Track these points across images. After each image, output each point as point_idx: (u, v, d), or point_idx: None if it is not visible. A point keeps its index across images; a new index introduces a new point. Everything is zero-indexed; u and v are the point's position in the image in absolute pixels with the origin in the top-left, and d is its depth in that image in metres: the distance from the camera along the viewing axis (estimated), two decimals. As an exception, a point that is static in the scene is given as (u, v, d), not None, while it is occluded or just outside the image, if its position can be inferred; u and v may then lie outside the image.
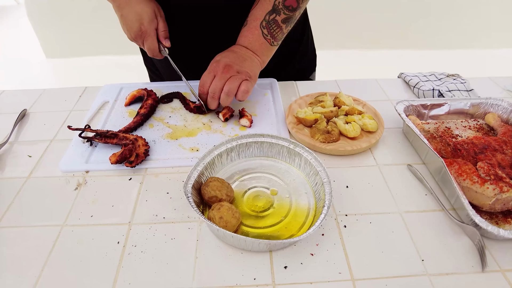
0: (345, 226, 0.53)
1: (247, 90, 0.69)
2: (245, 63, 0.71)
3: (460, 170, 0.57)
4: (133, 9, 0.72)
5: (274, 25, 0.71)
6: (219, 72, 0.69)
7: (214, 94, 0.69)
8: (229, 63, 0.69)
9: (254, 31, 0.72)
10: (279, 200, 0.56)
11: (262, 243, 0.46)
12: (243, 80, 0.69)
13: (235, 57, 0.71)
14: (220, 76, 0.68)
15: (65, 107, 0.81)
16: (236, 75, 0.69)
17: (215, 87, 0.69)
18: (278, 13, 0.69)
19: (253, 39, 0.72)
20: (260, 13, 0.71)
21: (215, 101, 0.70)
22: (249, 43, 0.73)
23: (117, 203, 0.57)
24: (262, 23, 0.71)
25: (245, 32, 0.73)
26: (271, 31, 0.71)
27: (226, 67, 0.69)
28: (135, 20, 0.72)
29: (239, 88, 0.68)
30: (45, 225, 0.53)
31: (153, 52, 0.76)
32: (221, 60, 0.70)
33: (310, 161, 0.58)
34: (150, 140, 0.68)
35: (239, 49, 0.73)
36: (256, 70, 0.73)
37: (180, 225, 0.53)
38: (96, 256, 0.49)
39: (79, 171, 0.63)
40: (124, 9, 0.73)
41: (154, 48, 0.75)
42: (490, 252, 0.49)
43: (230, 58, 0.70)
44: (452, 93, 0.81)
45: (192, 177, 0.54)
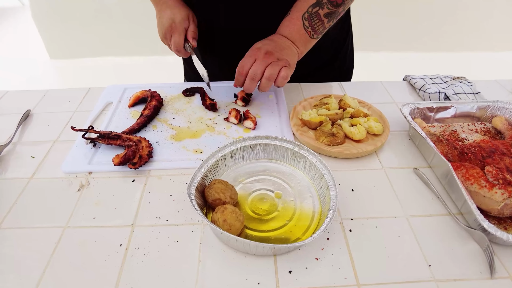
0: (351, 230, 0.52)
1: (286, 76, 0.69)
2: (284, 52, 0.71)
3: (467, 174, 0.56)
4: (170, 11, 0.78)
5: (316, 18, 0.71)
6: (260, 57, 0.69)
7: (255, 76, 0.69)
8: (270, 50, 0.70)
9: (295, 22, 0.72)
10: (283, 203, 0.55)
11: (266, 247, 0.45)
12: (283, 66, 0.69)
13: (275, 45, 0.71)
14: (261, 61, 0.69)
15: (68, 107, 0.81)
16: (277, 61, 0.69)
17: (256, 70, 0.69)
18: (322, 7, 0.70)
19: (293, 30, 0.73)
20: (304, 5, 0.71)
21: (254, 83, 0.70)
22: (289, 33, 0.73)
23: (120, 205, 0.56)
24: (304, 14, 0.71)
25: (286, 22, 0.74)
26: (312, 23, 0.72)
27: (267, 53, 0.69)
28: (169, 18, 0.77)
29: (279, 74, 0.69)
30: (47, 226, 0.53)
31: (177, 47, 0.78)
32: (262, 47, 0.70)
33: (315, 164, 0.57)
34: (153, 141, 0.68)
35: (278, 38, 0.73)
36: (294, 59, 0.73)
37: (184, 227, 0.52)
38: (98, 258, 0.48)
39: (82, 173, 0.62)
40: (163, 11, 0.78)
41: (179, 42, 0.77)
42: (498, 258, 0.48)
43: (271, 45, 0.71)
44: (459, 96, 0.80)
45: (196, 179, 0.54)
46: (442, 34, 2.97)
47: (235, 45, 0.80)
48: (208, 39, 0.83)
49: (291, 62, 0.71)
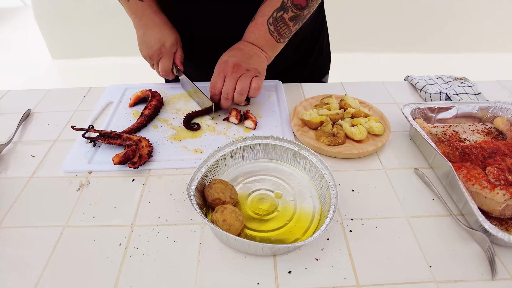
0: (351, 230, 0.52)
1: (258, 87, 0.69)
2: (252, 60, 0.71)
3: (468, 174, 0.55)
4: (158, 31, 0.76)
5: (281, 23, 0.70)
6: (229, 72, 0.69)
7: (228, 95, 0.70)
8: (237, 62, 0.69)
9: (260, 27, 0.72)
10: (283, 204, 0.55)
11: (266, 247, 0.45)
12: (253, 77, 0.69)
13: (241, 55, 0.71)
14: (230, 76, 0.69)
15: (69, 107, 0.81)
16: (246, 73, 0.69)
17: (228, 88, 0.69)
18: (286, 11, 0.69)
19: (259, 35, 0.72)
20: (267, 10, 0.70)
21: (229, 101, 0.71)
22: (255, 39, 0.73)
23: (120, 205, 0.56)
24: (269, 19, 0.70)
25: (252, 28, 0.73)
26: (278, 28, 0.71)
27: (235, 67, 0.69)
28: (157, 40, 0.75)
29: (250, 85, 0.69)
30: (47, 225, 0.53)
31: (165, 71, 0.79)
32: (229, 60, 0.70)
33: (315, 164, 0.57)
34: (153, 141, 0.67)
35: (244, 46, 0.73)
36: (263, 65, 0.73)
37: (183, 227, 0.52)
38: (97, 258, 0.48)
39: (82, 172, 0.62)
40: (150, 29, 0.76)
41: (168, 67, 0.78)
42: (500, 259, 0.48)
43: (237, 56, 0.70)
44: (460, 97, 0.79)
45: (196, 179, 0.54)
46: (443, 35, 2.96)
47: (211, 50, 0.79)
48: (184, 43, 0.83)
49: (260, 70, 0.71)
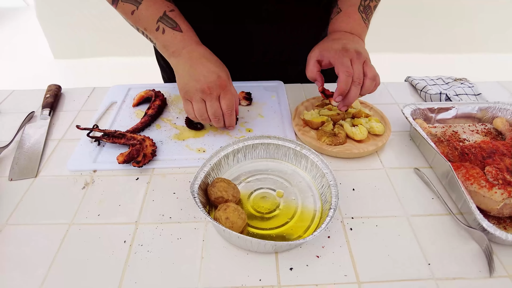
0: (351, 228, 0.53)
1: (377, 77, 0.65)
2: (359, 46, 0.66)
3: (467, 174, 0.56)
4: (208, 62, 0.65)
5: (369, 10, 0.70)
6: (354, 57, 0.63)
7: (360, 80, 0.63)
8: (356, 48, 0.64)
9: (354, 16, 0.69)
10: (285, 202, 0.56)
11: (268, 244, 0.46)
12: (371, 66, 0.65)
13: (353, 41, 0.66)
14: (358, 61, 0.63)
15: (73, 107, 0.82)
16: (367, 60, 0.64)
17: (360, 72, 0.63)
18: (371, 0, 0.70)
19: (355, 24, 0.69)
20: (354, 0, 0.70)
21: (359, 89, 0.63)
22: (351, 28, 0.69)
23: (124, 203, 0.57)
24: (359, 8, 0.69)
25: (344, 18, 0.70)
26: (368, 16, 0.70)
27: (357, 52, 0.63)
28: (211, 72, 0.63)
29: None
30: (52, 223, 0.54)
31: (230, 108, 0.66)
32: (348, 47, 0.64)
33: (316, 163, 0.58)
34: (157, 140, 0.68)
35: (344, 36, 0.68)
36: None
37: (186, 225, 0.53)
38: (102, 254, 0.49)
39: (86, 171, 0.63)
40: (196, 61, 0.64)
41: (232, 104, 0.65)
42: (497, 257, 0.49)
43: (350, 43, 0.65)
44: (460, 97, 0.80)
45: (199, 178, 0.55)
46: (444, 35, 2.96)
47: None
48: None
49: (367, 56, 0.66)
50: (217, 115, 0.65)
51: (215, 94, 0.64)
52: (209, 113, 0.65)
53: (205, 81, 0.63)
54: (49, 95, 0.81)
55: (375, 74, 0.64)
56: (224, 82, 0.64)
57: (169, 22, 0.66)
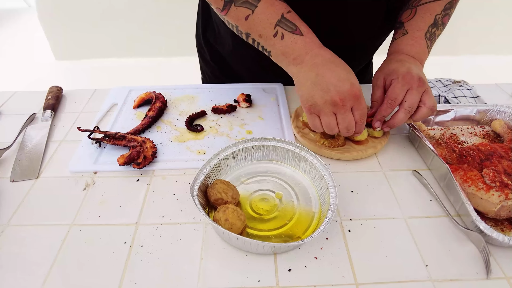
0: (350, 230, 0.53)
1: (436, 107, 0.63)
2: (423, 74, 0.65)
3: (465, 176, 0.57)
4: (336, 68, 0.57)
5: (433, 38, 0.69)
6: (414, 85, 0.61)
7: (412, 109, 0.61)
8: (421, 76, 0.62)
9: (420, 41, 0.68)
10: (284, 204, 0.57)
11: (266, 245, 0.46)
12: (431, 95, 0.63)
13: (418, 68, 0.64)
14: (417, 90, 0.61)
15: (74, 108, 0.82)
16: (428, 89, 0.62)
17: (414, 101, 0.61)
18: (438, 28, 0.69)
19: (420, 50, 0.68)
20: (422, 25, 0.68)
21: (408, 116, 0.62)
22: (416, 53, 0.67)
23: (125, 204, 0.58)
24: (426, 34, 0.68)
25: (410, 41, 0.68)
26: (432, 43, 0.69)
27: (420, 80, 0.61)
28: (344, 79, 0.56)
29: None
30: (54, 224, 0.54)
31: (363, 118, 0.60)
32: (412, 72, 0.62)
33: (315, 165, 0.59)
34: (157, 142, 0.69)
35: (408, 59, 0.66)
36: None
37: (186, 226, 0.54)
38: (103, 255, 0.50)
39: (87, 172, 0.64)
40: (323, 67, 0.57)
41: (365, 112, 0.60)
42: (495, 259, 0.49)
43: (416, 69, 0.63)
44: (458, 100, 0.81)
45: (199, 179, 0.55)
46: (443, 37, 2.96)
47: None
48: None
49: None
50: (350, 129, 0.59)
51: (348, 105, 0.57)
52: (340, 127, 0.59)
53: (336, 92, 0.56)
54: (50, 97, 0.82)
55: (434, 105, 0.62)
56: (358, 91, 0.56)
57: (288, 26, 0.59)
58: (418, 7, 0.70)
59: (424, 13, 0.69)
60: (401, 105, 0.62)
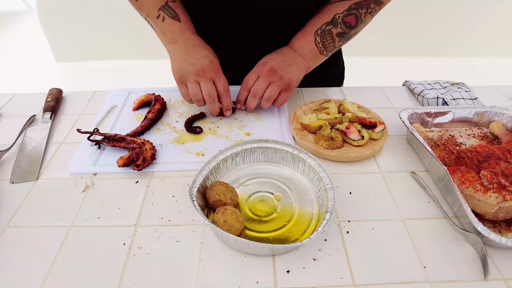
0: (348, 232, 0.53)
1: (283, 102, 0.74)
2: (290, 68, 0.72)
3: (463, 178, 0.57)
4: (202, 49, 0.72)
5: (328, 36, 0.73)
6: (263, 74, 0.71)
7: (256, 94, 0.72)
8: (274, 67, 0.71)
9: (307, 36, 0.74)
10: (282, 205, 0.57)
11: (265, 247, 0.47)
12: (282, 89, 0.72)
13: (281, 61, 0.73)
14: (263, 79, 0.71)
15: (74, 110, 0.83)
16: (278, 81, 0.71)
17: (258, 87, 0.72)
18: (335, 26, 0.72)
19: (304, 44, 0.74)
20: (317, 22, 0.73)
21: (255, 101, 0.74)
22: (299, 47, 0.75)
23: (124, 206, 0.58)
24: (317, 31, 0.73)
25: (299, 36, 0.75)
26: (324, 40, 0.73)
27: (271, 70, 0.71)
28: (205, 56, 0.70)
29: (278, 98, 0.73)
30: (53, 225, 0.55)
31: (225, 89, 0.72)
32: (267, 63, 0.72)
33: (313, 167, 0.59)
34: (157, 144, 0.69)
35: (287, 52, 0.75)
36: (299, 75, 0.74)
37: (185, 228, 0.54)
38: (102, 257, 0.50)
39: (87, 174, 0.64)
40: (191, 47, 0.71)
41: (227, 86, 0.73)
42: (492, 260, 0.49)
43: (277, 61, 0.72)
44: (457, 102, 0.81)
45: (198, 181, 0.55)
46: (442, 40, 2.98)
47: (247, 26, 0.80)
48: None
49: (293, 81, 0.73)
50: (211, 95, 0.70)
51: (209, 76, 0.69)
52: (203, 93, 0.70)
53: (199, 64, 0.68)
54: (50, 99, 0.82)
55: (271, 96, 0.72)
56: (217, 67, 0.71)
57: (169, 11, 0.73)
58: (325, 7, 0.74)
59: (324, 12, 0.73)
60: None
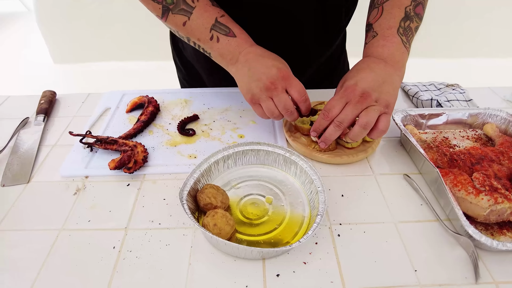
0: (339, 235, 0.53)
1: (386, 129, 0.58)
2: (384, 87, 0.58)
3: (455, 180, 0.57)
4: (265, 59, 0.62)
5: (409, 32, 0.63)
6: (354, 100, 0.57)
7: (342, 124, 0.58)
8: (367, 90, 0.57)
9: (392, 39, 0.62)
10: (274, 208, 0.57)
11: (255, 251, 0.46)
12: (382, 113, 0.58)
13: (373, 79, 0.58)
14: (355, 105, 0.57)
15: (68, 113, 0.82)
16: (375, 106, 0.57)
17: (347, 116, 0.57)
18: (412, 20, 0.63)
19: (393, 49, 0.62)
20: (392, 21, 0.63)
21: (339, 132, 0.59)
22: (389, 54, 0.62)
23: (115, 209, 0.58)
24: (399, 30, 0.62)
25: (381, 42, 0.63)
26: (408, 38, 0.63)
27: (364, 95, 0.57)
28: (271, 65, 0.61)
29: (378, 124, 0.58)
30: (43, 229, 0.54)
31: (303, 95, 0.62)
32: (358, 84, 0.58)
33: (305, 170, 0.59)
34: (149, 146, 0.69)
35: (376, 65, 0.61)
36: (395, 94, 0.60)
37: (175, 231, 0.54)
38: (92, 260, 0.50)
39: (78, 176, 0.64)
40: (254, 62, 0.62)
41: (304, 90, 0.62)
42: (484, 263, 0.49)
43: (369, 81, 0.58)
44: (451, 103, 0.81)
45: (188, 184, 0.55)
46: (437, 41, 2.98)
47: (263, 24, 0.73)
48: None
49: (391, 103, 0.59)
50: (288, 108, 0.61)
51: (280, 87, 0.60)
52: (279, 109, 0.62)
53: (266, 78, 0.60)
54: (43, 101, 0.82)
55: (369, 122, 0.57)
56: (286, 73, 0.61)
57: (222, 29, 0.64)
58: (385, 4, 0.65)
59: (391, 9, 0.64)
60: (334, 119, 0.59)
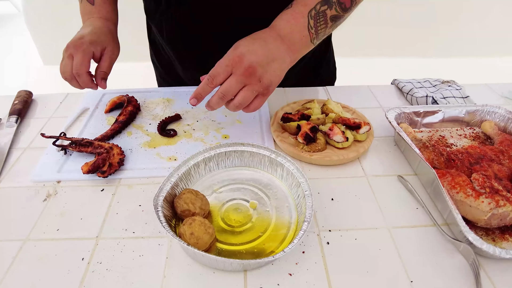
0: (328, 242, 0.49)
1: (258, 108, 0.59)
2: (272, 65, 0.57)
3: (453, 182, 0.53)
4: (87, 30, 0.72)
5: (322, 19, 0.59)
6: (238, 72, 0.55)
7: (225, 96, 0.57)
8: (254, 65, 0.55)
9: (299, 18, 0.59)
10: (258, 214, 0.52)
11: (234, 262, 0.42)
12: (259, 93, 0.58)
13: (263, 55, 0.56)
14: (238, 78, 0.55)
15: (44, 114, 0.78)
16: (255, 85, 0.56)
17: (229, 89, 0.56)
18: (330, 7, 0.59)
19: (296, 28, 0.59)
20: (310, 0, 0.59)
21: (221, 103, 0.58)
22: (289, 32, 0.59)
23: (86, 216, 0.53)
24: (311, 11, 0.58)
25: (288, 16, 0.60)
26: (317, 24, 0.59)
27: (249, 69, 0.55)
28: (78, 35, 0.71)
29: (252, 103, 0.58)
30: (5, 239, 0.50)
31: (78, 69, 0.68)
32: (246, 56, 0.55)
33: (292, 172, 0.54)
34: (126, 148, 0.65)
35: (272, 40, 0.58)
36: (281, 75, 0.59)
37: (150, 240, 0.49)
38: (57, 274, 0.45)
39: (50, 181, 0.59)
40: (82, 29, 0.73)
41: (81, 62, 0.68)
42: (485, 272, 0.45)
43: (258, 55, 0.56)
44: (447, 100, 0.77)
45: (165, 189, 0.51)
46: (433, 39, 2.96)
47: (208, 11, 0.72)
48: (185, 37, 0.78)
49: (273, 83, 0.58)
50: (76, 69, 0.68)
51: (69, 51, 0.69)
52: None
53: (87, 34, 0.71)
54: (17, 102, 0.77)
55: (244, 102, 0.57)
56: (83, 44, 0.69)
57: None
58: None
59: None
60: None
